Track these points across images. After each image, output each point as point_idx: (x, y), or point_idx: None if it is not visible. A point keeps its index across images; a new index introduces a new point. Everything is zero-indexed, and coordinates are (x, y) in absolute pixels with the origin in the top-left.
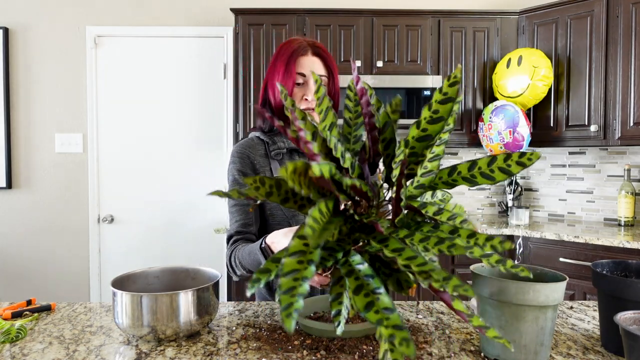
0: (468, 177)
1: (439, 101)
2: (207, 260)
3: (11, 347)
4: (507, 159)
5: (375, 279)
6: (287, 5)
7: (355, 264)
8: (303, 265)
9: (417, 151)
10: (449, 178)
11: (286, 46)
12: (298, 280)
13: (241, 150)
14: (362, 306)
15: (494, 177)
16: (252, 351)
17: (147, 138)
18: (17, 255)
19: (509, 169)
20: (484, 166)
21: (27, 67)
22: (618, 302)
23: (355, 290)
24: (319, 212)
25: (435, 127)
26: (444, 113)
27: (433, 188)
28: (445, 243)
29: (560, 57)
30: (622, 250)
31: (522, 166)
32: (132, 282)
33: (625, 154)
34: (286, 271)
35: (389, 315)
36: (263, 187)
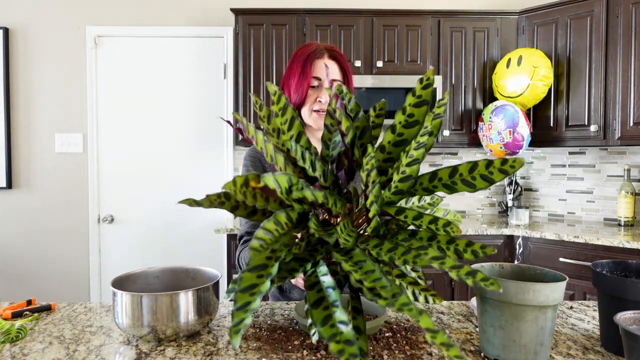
0: (448, 183)
1: (413, 104)
2: (207, 260)
3: (11, 347)
4: (489, 166)
5: (335, 291)
6: (287, 5)
7: (321, 274)
8: (262, 279)
9: (394, 156)
10: (429, 184)
11: (303, 49)
12: (254, 295)
13: (253, 154)
14: (319, 320)
15: (475, 185)
16: (252, 351)
17: (147, 138)
18: (17, 255)
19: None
20: (465, 173)
21: (27, 67)
22: (618, 302)
23: (314, 304)
24: (275, 223)
25: (410, 131)
26: (419, 116)
27: (412, 194)
28: (411, 253)
29: (560, 57)
30: (622, 250)
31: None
32: (132, 282)
33: (625, 154)
34: (244, 286)
35: (342, 329)
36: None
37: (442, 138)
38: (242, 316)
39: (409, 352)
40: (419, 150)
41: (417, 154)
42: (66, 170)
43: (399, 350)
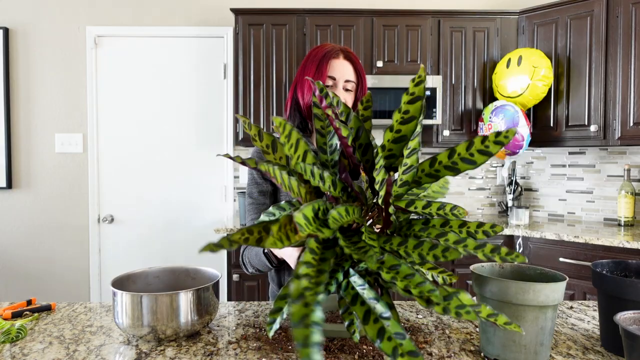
0: (449, 165)
1: (408, 102)
2: (207, 260)
3: (11, 347)
4: (485, 141)
5: (380, 302)
6: (287, 5)
7: (357, 286)
8: (310, 308)
9: (395, 153)
10: (431, 169)
11: (318, 49)
12: (309, 327)
13: (260, 151)
14: (374, 335)
15: (475, 161)
16: (252, 351)
17: (147, 138)
18: (17, 255)
19: (488, 149)
20: (463, 151)
21: (27, 67)
22: (618, 302)
23: (365, 319)
24: (311, 252)
25: (408, 126)
26: (414, 112)
27: (417, 182)
28: (439, 248)
29: (560, 57)
30: (622, 250)
31: (500, 144)
32: (132, 282)
33: (625, 154)
34: (296, 320)
35: (401, 341)
36: (252, 235)
37: (442, 138)
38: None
39: None
40: (414, 140)
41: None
42: (66, 170)
43: None
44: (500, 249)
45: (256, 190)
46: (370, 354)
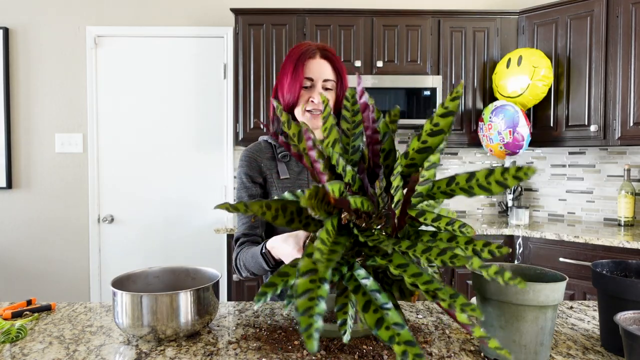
0: (466, 188)
1: (441, 115)
2: (207, 260)
3: (11, 347)
4: (504, 173)
5: (382, 294)
6: (287, 5)
7: (361, 278)
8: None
9: (417, 162)
10: (447, 188)
11: (295, 49)
12: (314, 300)
13: (249, 155)
14: (373, 323)
15: (491, 189)
16: (252, 351)
17: (147, 138)
18: (17, 255)
19: (505, 182)
20: (482, 178)
21: (27, 67)
22: (618, 302)
23: (365, 307)
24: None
25: (435, 139)
26: (444, 126)
27: (431, 197)
28: (447, 254)
29: (560, 57)
30: (622, 250)
31: (518, 180)
32: (132, 282)
33: (625, 154)
34: (300, 292)
35: (399, 331)
36: (269, 211)
37: None
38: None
39: None
40: (435, 155)
41: (434, 159)
42: (66, 170)
43: None
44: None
45: (246, 195)
46: (370, 354)
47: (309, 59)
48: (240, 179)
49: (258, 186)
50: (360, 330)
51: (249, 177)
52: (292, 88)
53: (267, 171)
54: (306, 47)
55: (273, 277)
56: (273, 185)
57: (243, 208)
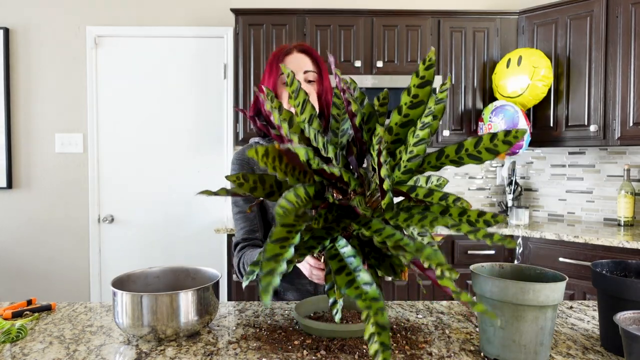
0: (455, 159)
1: (417, 85)
2: (207, 260)
3: (12, 347)
4: (494, 139)
5: (356, 258)
6: (287, 5)
7: (340, 247)
8: (285, 249)
9: (402, 137)
10: (436, 162)
11: (274, 53)
12: (279, 262)
13: (240, 157)
14: (344, 284)
15: (481, 157)
16: (252, 351)
17: (147, 138)
18: (17, 255)
19: (496, 148)
20: (471, 147)
21: (27, 67)
22: (618, 302)
23: (337, 271)
24: (295, 196)
25: (416, 111)
26: (423, 96)
27: (421, 172)
28: (427, 218)
29: (560, 57)
30: (621, 250)
31: (509, 144)
32: (132, 282)
33: (625, 154)
34: (268, 256)
35: (367, 290)
36: (247, 182)
37: (442, 138)
38: (268, 279)
39: (409, 352)
40: (424, 131)
41: (422, 134)
42: (66, 170)
43: (399, 350)
44: (493, 235)
45: (241, 198)
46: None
47: (286, 56)
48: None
49: None
50: (360, 329)
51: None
52: (269, 84)
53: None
54: (283, 47)
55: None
56: None
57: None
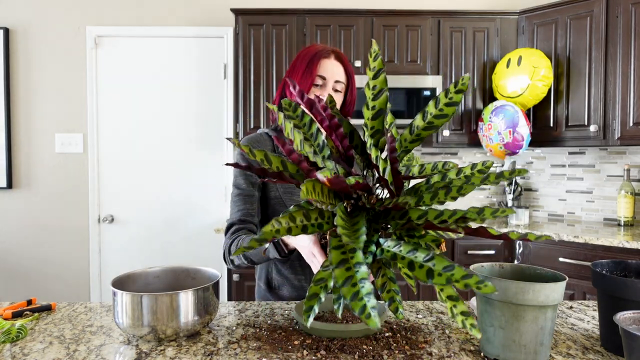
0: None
1: (372, 77)
2: (207, 260)
3: (12, 347)
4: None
5: (420, 250)
6: (287, 5)
7: (392, 247)
8: (351, 271)
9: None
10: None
11: (309, 49)
12: (356, 286)
13: (249, 144)
14: (424, 276)
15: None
16: (252, 351)
17: (147, 138)
18: (17, 255)
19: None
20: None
21: (27, 67)
22: (618, 302)
23: (410, 267)
24: (341, 219)
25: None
26: (382, 85)
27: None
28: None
29: (560, 57)
30: (621, 250)
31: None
32: (132, 282)
33: (625, 154)
34: (341, 282)
35: (451, 272)
36: (282, 226)
37: (442, 138)
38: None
39: (409, 352)
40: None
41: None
42: (66, 170)
43: (398, 350)
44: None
45: (244, 181)
46: (371, 353)
47: (324, 58)
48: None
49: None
50: (360, 329)
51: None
52: (303, 84)
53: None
54: (322, 47)
55: (313, 288)
56: None
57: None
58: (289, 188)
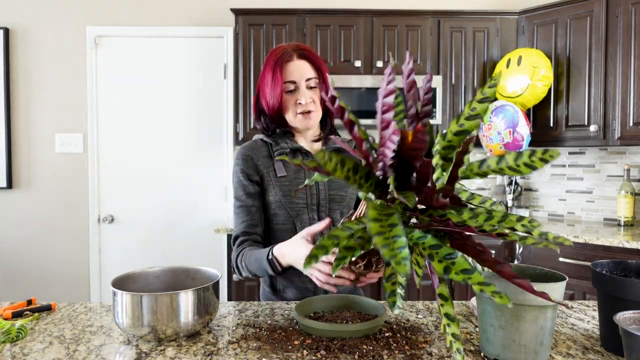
0: (497, 169)
1: (479, 100)
2: (207, 260)
3: (12, 347)
4: (532, 155)
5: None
6: (287, 5)
7: (417, 237)
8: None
9: (455, 144)
10: (479, 170)
11: (272, 54)
12: (388, 239)
13: (244, 153)
14: (442, 270)
15: (521, 171)
16: (252, 351)
17: (147, 138)
18: (17, 255)
19: (533, 163)
20: (512, 162)
21: (27, 67)
22: (618, 302)
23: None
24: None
25: (472, 123)
26: (480, 111)
27: (466, 177)
28: (494, 219)
29: (560, 57)
30: (621, 250)
31: (545, 162)
32: (132, 282)
33: (625, 154)
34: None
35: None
36: (330, 162)
37: None
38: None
39: (409, 352)
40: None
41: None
42: (66, 170)
43: (399, 350)
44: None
45: (243, 193)
46: (371, 353)
47: (287, 62)
48: (237, 177)
49: (255, 184)
50: (360, 329)
51: (246, 175)
52: (273, 95)
53: (263, 169)
54: (282, 51)
55: (323, 240)
56: (270, 184)
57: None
58: (288, 192)
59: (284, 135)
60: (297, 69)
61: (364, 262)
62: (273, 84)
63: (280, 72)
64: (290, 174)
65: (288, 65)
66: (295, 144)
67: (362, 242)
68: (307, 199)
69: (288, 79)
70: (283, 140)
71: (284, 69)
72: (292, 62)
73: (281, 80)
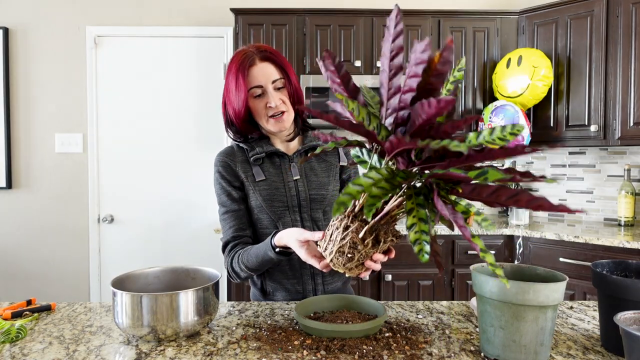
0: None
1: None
2: (207, 260)
3: (11, 347)
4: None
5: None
6: (287, 5)
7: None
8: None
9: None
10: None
11: (233, 60)
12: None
13: (222, 159)
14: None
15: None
16: (252, 351)
17: (147, 138)
18: (17, 255)
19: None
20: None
21: (27, 67)
22: (618, 302)
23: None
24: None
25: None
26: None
27: None
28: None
29: (560, 57)
30: (622, 250)
31: (515, 136)
32: (132, 282)
33: (625, 154)
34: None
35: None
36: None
37: None
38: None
39: (409, 352)
40: None
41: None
42: (66, 170)
43: (399, 350)
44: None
45: (227, 199)
46: (371, 353)
47: (250, 67)
48: (219, 184)
49: (237, 189)
50: (359, 329)
51: (227, 181)
52: (238, 102)
53: (242, 174)
54: (243, 56)
55: (348, 189)
56: (250, 189)
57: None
58: (269, 196)
59: (260, 140)
60: (262, 72)
61: (372, 238)
62: (237, 91)
63: (243, 77)
64: (269, 178)
65: (252, 70)
66: (271, 147)
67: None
68: (287, 201)
69: (254, 84)
70: (258, 145)
71: (248, 74)
72: (256, 65)
73: (245, 86)
